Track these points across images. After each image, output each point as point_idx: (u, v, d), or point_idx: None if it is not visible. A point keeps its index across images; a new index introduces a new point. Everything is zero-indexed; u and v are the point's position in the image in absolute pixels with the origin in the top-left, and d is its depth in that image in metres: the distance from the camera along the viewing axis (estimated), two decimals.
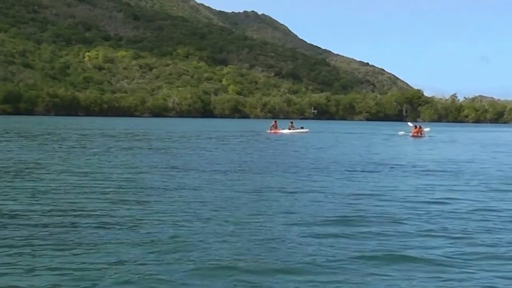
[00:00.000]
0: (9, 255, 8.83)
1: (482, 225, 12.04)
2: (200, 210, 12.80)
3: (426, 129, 60.42)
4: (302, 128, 62.85)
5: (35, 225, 10.88)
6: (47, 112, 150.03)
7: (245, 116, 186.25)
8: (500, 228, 11.81)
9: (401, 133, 59.58)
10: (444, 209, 13.73)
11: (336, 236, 10.53)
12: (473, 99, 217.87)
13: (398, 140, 51.47)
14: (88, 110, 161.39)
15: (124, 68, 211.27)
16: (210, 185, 16.96)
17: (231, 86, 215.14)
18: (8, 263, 8.41)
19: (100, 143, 36.89)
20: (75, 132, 53.34)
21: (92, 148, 31.93)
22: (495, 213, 13.45)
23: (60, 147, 31.93)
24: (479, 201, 15.29)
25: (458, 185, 18.47)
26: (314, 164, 24.47)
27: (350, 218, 12.11)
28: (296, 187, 16.92)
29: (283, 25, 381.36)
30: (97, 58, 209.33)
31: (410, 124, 63.83)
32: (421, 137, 57.69)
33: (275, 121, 65.49)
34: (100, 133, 52.54)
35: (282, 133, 59.12)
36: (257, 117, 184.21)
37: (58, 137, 43.87)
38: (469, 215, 13.14)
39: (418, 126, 61.85)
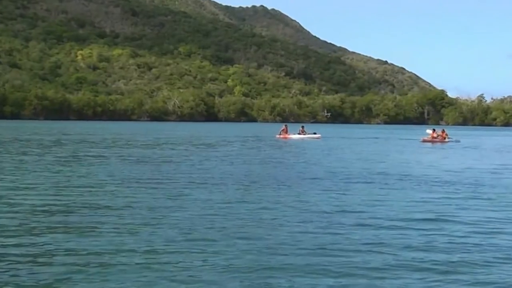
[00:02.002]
0: None
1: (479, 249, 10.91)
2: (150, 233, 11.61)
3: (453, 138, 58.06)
4: (314, 133, 62.51)
5: None
6: (35, 116, 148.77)
7: (252, 120, 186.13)
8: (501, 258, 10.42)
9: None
10: (438, 230, 12.60)
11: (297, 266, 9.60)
12: (502, 100, 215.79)
13: (414, 146, 49.87)
14: (81, 114, 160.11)
15: (121, 68, 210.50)
16: (174, 201, 15.74)
17: (238, 87, 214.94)
18: None
19: (68, 151, 35.51)
20: (50, 138, 52.08)
21: (54, 157, 30.41)
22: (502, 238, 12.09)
23: (16, 156, 30.26)
24: (487, 220, 13.91)
25: (462, 200, 17.11)
26: (310, 175, 23.30)
27: (318, 245, 10.94)
28: (274, 202, 15.85)
29: (294, 20, 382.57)
30: (91, 57, 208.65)
31: (428, 131, 61.47)
32: (445, 142, 55.42)
33: (286, 125, 65.26)
34: (78, 139, 51.34)
35: (292, 139, 58.75)
36: (265, 120, 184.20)
37: (24, 144, 42.15)
38: (467, 239, 11.83)
39: (442, 130, 59.44)
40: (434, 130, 59.58)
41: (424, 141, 56.66)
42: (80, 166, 25.47)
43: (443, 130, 60.31)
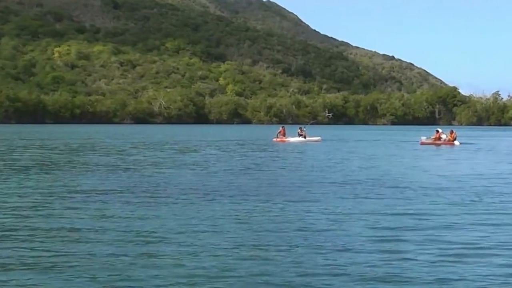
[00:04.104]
0: None
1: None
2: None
3: (456, 143, 56.08)
4: (310, 124, 63.08)
5: None
6: (7, 119, 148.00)
7: (247, 122, 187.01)
8: None
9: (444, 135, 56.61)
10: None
11: None
12: None
13: (416, 149, 49.07)
14: (57, 116, 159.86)
15: (102, 66, 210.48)
16: (122, 217, 14.83)
17: (230, 86, 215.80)
18: None
19: (13, 159, 34.28)
20: None
21: None
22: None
23: None
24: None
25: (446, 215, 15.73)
26: (286, 185, 22.41)
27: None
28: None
29: (292, 13, 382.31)
30: (69, 54, 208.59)
31: (439, 130, 59.91)
32: (453, 145, 54.18)
33: (283, 127, 64.84)
34: (33, 145, 50.22)
35: (290, 142, 59.24)
36: (260, 122, 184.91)
37: None
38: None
39: (451, 131, 58.12)
40: (437, 131, 58.07)
41: (423, 143, 55.14)
42: (17, 175, 24.46)
43: (452, 131, 58.64)
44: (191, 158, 35.92)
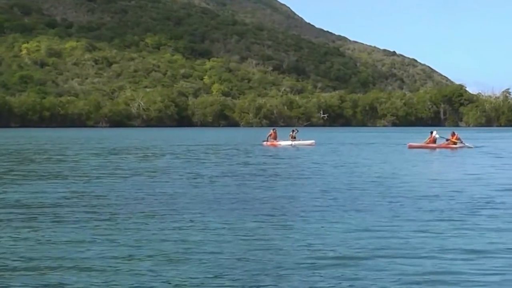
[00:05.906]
0: None
1: None
2: None
3: (469, 145, 54.17)
4: (297, 131, 63.76)
5: None
6: None
7: (234, 124, 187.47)
8: None
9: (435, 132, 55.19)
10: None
11: None
12: None
13: (403, 153, 47.92)
14: (24, 119, 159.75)
15: (75, 64, 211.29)
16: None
17: (216, 85, 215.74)
18: None
19: None
20: None
21: None
22: None
23: None
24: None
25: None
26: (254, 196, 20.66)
27: None
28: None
29: (284, 5, 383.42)
30: (38, 51, 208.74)
31: (433, 132, 58.02)
32: (454, 148, 52.61)
33: (274, 130, 64.08)
34: None
35: (281, 146, 59.21)
36: (249, 124, 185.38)
37: None
38: None
39: (452, 133, 56.19)
40: (432, 132, 56.34)
41: (411, 147, 53.68)
42: None
43: (453, 132, 56.78)
44: (154, 165, 34.32)
